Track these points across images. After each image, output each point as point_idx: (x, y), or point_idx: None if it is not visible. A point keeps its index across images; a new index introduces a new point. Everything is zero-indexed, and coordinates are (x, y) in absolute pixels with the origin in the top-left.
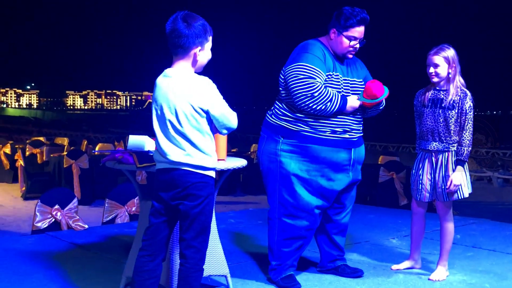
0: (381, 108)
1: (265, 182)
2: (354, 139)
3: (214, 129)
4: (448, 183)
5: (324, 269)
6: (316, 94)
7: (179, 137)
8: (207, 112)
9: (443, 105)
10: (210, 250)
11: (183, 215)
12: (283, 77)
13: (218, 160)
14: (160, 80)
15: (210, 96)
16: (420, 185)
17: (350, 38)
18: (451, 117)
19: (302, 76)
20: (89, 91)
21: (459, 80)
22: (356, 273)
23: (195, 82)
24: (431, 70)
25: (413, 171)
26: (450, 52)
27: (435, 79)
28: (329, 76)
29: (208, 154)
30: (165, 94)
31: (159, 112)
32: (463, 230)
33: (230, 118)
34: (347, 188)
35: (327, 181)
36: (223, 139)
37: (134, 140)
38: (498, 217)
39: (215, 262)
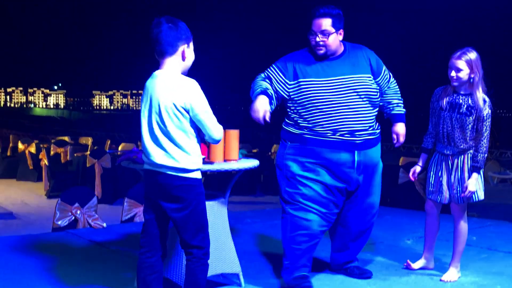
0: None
1: (278, 183)
2: (358, 141)
3: (202, 135)
4: (466, 192)
5: (334, 270)
6: (253, 86)
7: (163, 137)
8: (188, 113)
9: (461, 110)
10: (223, 248)
11: (173, 218)
12: None
13: (230, 160)
14: (148, 82)
15: (193, 97)
16: (441, 187)
17: (310, 33)
18: (468, 123)
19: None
20: (115, 91)
21: (481, 86)
22: (364, 275)
23: (180, 82)
24: (453, 74)
25: (431, 173)
26: (473, 56)
27: (455, 83)
28: (299, 83)
29: (190, 154)
30: (151, 94)
31: (146, 112)
32: (480, 232)
33: (211, 124)
34: (358, 191)
35: (329, 182)
36: (234, 139)
37: None
38: None
39: (228, 260)
